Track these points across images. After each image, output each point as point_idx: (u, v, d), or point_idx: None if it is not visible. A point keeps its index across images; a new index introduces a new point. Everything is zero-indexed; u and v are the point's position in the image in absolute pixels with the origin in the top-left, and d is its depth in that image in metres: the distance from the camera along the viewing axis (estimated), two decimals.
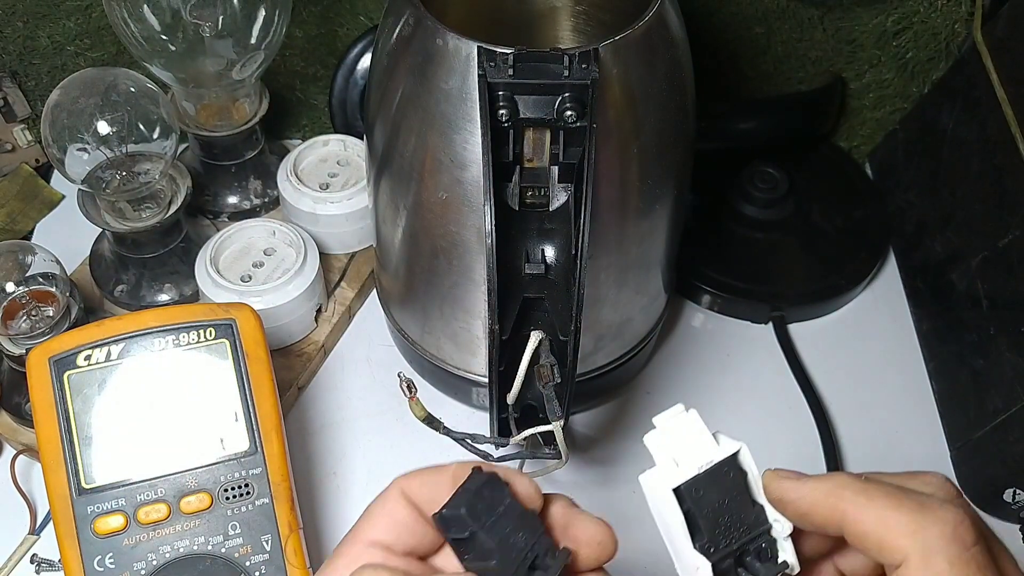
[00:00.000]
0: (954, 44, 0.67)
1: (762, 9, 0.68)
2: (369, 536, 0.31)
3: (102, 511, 0.45)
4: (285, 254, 0.62)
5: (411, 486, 0.31)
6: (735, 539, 0.29)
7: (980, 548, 0.27)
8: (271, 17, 0.60)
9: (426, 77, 0.45)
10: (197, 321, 0.48)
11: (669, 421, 0.31)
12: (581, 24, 0.58)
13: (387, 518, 0.31)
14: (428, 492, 0.31)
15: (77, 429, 0.46)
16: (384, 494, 0.31)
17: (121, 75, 0.57)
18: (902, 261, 0.70)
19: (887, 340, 0.66)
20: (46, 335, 0.53)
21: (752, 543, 0.29)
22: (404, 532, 0.31)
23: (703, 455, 0.30)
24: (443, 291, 0.52)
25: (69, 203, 0.71)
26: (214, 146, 0.66)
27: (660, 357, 0.64)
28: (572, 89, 0.42)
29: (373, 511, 0.31)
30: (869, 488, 0.28)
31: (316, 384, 0.63)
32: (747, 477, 0.30)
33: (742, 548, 0.29)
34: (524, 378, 0.45)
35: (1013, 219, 0.56)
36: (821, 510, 0.29)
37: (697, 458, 0.30)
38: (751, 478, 0.30)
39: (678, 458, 0.30)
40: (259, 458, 0.47)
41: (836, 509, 0.28)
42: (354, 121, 0.70)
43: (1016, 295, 0.56)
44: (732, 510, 0.29)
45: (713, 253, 0.67)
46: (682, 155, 0.51)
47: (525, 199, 0.46)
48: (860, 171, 0.74)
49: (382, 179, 0.52)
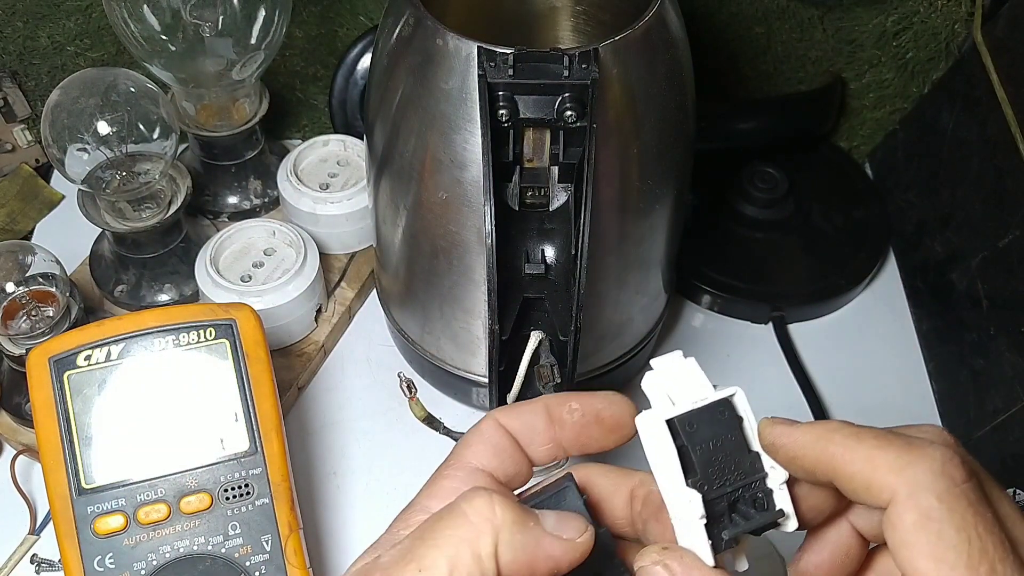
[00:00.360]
0: (954, 44, 0.67)
1: (762, 9, 0.68)
2: (472, 461, 0.31)
3: (102, 511, 0.45)
4: (285, 254, 0.62)
5: (506, 417, 0.31)
6: (728, 482, 0.29)
7: (971, 485, 0.26)
8: (271, 17, 0.60)
9: (426, 77, 0.45)
10: (197, 321, 0.48)
11: (667, 364, 0.30)
12: (581, 24, 0.58)
13: (487, 445, 0.31)
14: (523, 423, 0.31)
15: (77, 429, 0.46)
16: (479, 425, 0.32)
17: (121, 75, 0.57)
18: (902, 261, 0.70)
19: (887, 340, 0.66)
20: (46, 335, 0.53)
21: (747, 490, 0.29)
22: (506, 459, 0.31)
23: (699, 395, 0.29)
24: (443, 291, 0.52)
25: (69, 203, 0.71)
26: (214, 146, 0.66)
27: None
28: (572, 89, 0.42)
29: (471, 439, 0.31)
30: (859, 431, 0.28)
31: (316, 384, 0.63)
32: (743, 423, 0.30)
33: (736, 494, 0.29)
34: (524, 378, 0.45)
35: (1013, 219, 0.56)
36: (811, 453, 0.28)
37: (693, 396, 0.29)
38: (747, 424, 0.30)
39: (674, 397, 0.30)
40: (259, 458, 0.47)
41: (825, 452, 0.28)
42: (354, 121, 0.70)
43: (1016, 295, 0.56)
44: (727, 453, 0.29)
45: (713, 253, 0.67)
46: (682, 155, 0.51)
47: (525, 199, 0.46)
48: (860, 171, 0.74)
49: (382, 179, 0.52)
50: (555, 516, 0.29)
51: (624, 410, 0.32)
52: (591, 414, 0.31)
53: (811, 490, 0.30)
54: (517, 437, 0.31)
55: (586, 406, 0.32)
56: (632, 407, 0.32)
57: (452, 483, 0.30)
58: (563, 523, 0.28)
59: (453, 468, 0.31)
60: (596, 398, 0.32)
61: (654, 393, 0.30)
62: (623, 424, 0.31)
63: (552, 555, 0.28)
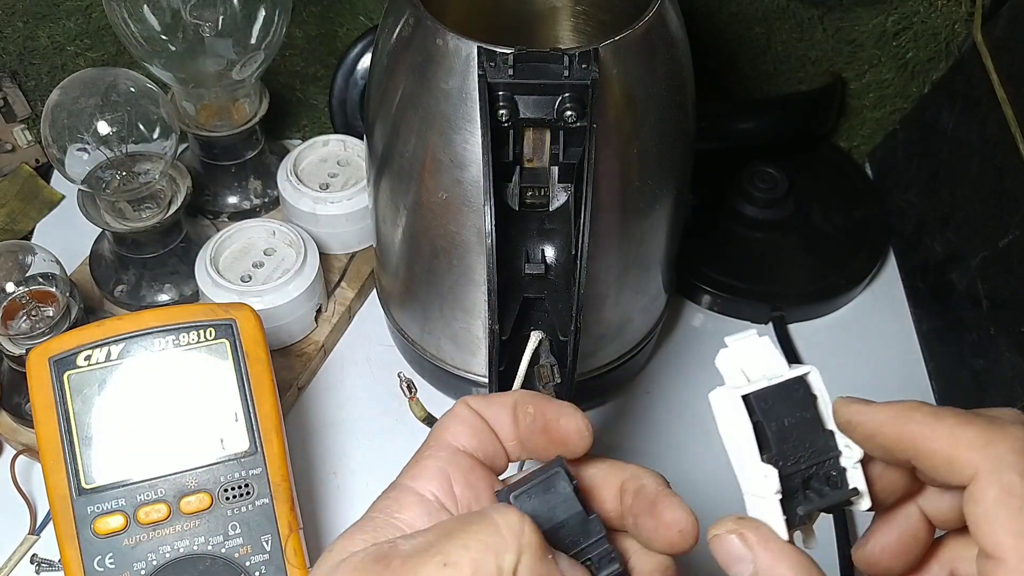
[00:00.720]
0: (954, 44, 0.67)
1: (762, 9, 0.68)
2: (452, 442, 0.31)
3: (102, 511, 0.45)
4: (285, 254, 0.62)
5: (477, 403, 0.32)
6: (803, 459, 0.28)
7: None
8: (271, 17, 0.60)
9: (426, 77, 0.45)
10: (197, 321, 0.48)
11: (741, 342, 0.30)
12: (581, 24, 0.58)
13: (464, 426, 0.31)
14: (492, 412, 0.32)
15: (77, 429, 0.46)
16: (454, 409, 0.32)
17: (121, 75, 0.57)
18: (902, 261, 0.70)
19: (887, 340, 0.66)
20: (46, 335, 0.53)
21: (820, 468, 0.29)
22: (484, 439, 0.31)
23: (774, 371, 0.29)
24: (443, 291, 0.52)
25: (69, 203, 0.71)
26: (214, 146, 0.66)
27: (660, 357, 0.64)
28: (572, 89, 0.42)
29: (447, 422, 0.32)
30: (938, 411, 0.28)
31: (316, 384, 0.63)
32: (817, 402, 0.29)
33: (810, 471, 0.29)
34: (524, 378, 0.45)
35: (1013, 219, 0.56)
36: (890, 430, 0.28)
37: (768, 373, 0.29)
38: (821, 403, 0.30)
39: (748, 374, 0.29)
40: (259, 458, 0.47)
41: (905, 430, 0.28)
42: (354, 121, 0.70)
43: (1016, 295, 0.56)
44: (801, 430, 0.29)
45: (713, 253, 0.67)
46: (682, 155, 0.51)
47: (525, 199, 0.46)
48: (860, 171, 0.74)
49: (382, 179, 0.52)
50: (568, 562, 0.29)
51: (573, 426, 0.31)
52: (541, 421, 0.31)
53: (885, 470, 0.30)
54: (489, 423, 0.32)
55: (540, 411, 0.31)
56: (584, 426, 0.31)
57: (435, 463, 0.31)
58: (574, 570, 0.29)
59: (434, 448, 0.31)
60: (551, 406, 0.32)
61: (729, 369, 0.30)
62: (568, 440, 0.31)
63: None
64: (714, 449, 0.56)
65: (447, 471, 0.31)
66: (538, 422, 0.31)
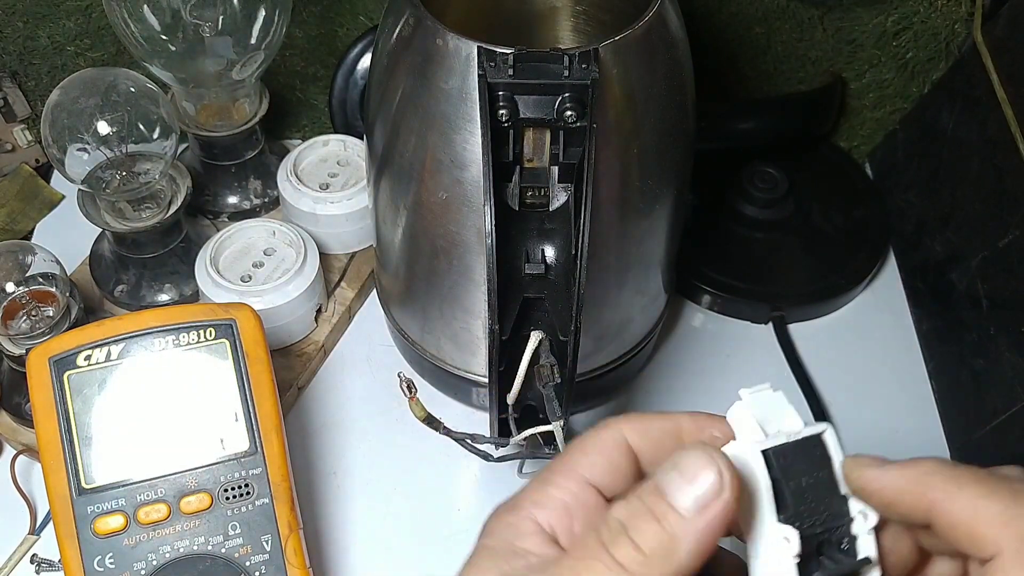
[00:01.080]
0: (954, 44, 0.67)
1: (762, 9, 0.68)
2: (584, 474, 0.29)
3: (102, 511, 0.45)
4: (285, 254, 0.62)
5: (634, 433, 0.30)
6: (818, 523, 0.27)
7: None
8: (271, 17, 0.60)
9: (426, 77, 0.45)
10: (197, 321, 0.48)
11: (756, 395, 0.29)
12: (581, 24, 0.58)
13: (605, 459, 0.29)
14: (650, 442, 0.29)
15: (77, 429, 0.46)
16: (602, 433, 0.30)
17: (121, 75, 0.57)
18: (902, 261, 0.70)
19: (887, 340, 0.66)
20: (46, 335, 0.53)
21: (833, 533, 0.28)
22: (619, 479, 0.29)
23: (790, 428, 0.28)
24: (443, 291, 0.52)
25: (69, 203, 0.71)
26: (214, 146, 0.66)
27: (660, 357, 0.64)
28: (572, 89, 0.42)
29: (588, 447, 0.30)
30: (958, 474, 0.26)
31: (316, 384, 0.63)
32: (832, 463, 0.28)
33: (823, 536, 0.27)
34: (524, 378, 0.45)
35: (1013, 219, 0.56)
36: (907, 499, 0.27)
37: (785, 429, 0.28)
38: (836, 464, 0.28)
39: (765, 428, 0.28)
40: (259, 458, 0.47)
41: (924, 498, 0.26)
42: (354, 121, 0.70)
43: (1016, 295, 0.56)
44: (818, 492, 0.27)
45: (713, 253, 0.67)
46: (682, 155, 0.51)
47: (525, 199, 0.46)
48: (860, 171, 0.74)
49: (382, 179, 0.52)
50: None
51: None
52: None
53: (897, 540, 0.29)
54: (640, 455, 0.29)
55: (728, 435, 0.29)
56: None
57: (561, 495, 0.29)
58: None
59: (563, 477, 0.29)
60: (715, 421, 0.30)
61: (744, 423, 0.28)
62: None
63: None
64: None
65: (571, 507, 0.29)
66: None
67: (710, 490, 0.25)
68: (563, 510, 0.28)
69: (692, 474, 0.25)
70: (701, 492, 0.25)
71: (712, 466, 0.25)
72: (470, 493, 0.58)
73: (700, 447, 0.26)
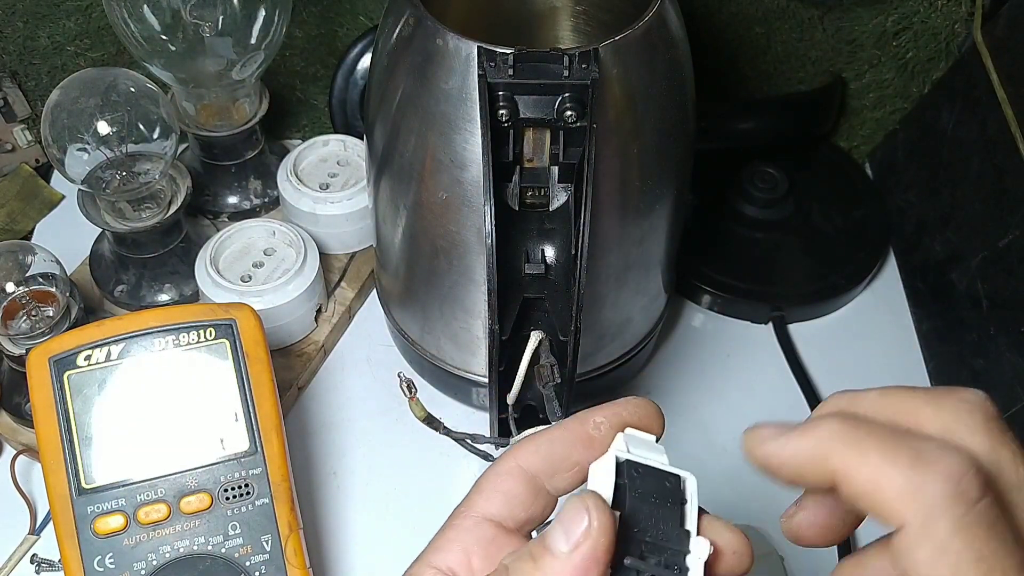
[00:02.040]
0: (954, 44, 0.67)
1: (762, 9, 0.68)
2: (478, 512, 0.30)
3: (102, 511, 0.45)
4: (285, 254, 0.62)
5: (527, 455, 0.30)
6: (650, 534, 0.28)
7: (987, 502, 0.24)
8: (271, 17, 0.60)
9: (426, 77, 0.45)
10: (197, 321, 0.48)
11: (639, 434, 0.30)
12: (581, 24, 0.58)
13: (499, 493, 0.30)
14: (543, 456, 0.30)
15: (77, 429, 0.46)
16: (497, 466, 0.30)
17: (121, 75, 0.57)
18: (902, 261, 0.70)
19: (887, 340, 0.66)
20: (46, 335, 0.53)
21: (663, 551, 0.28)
22: (516, 506, 0.30)
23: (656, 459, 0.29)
24: (443, 291, 0.52)
25: (69, 203, 0.71)
26: (214, 146, 0.66)
27: (660, 357, 0.64)
28: (572, 89, 0.42)
29: (484, 484, 0.30)
30: (860, 439, 0.25)
31: (316, 384, 0.63)
32: (684, 506, 0.29)
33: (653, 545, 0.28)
34: (524, 378, 0.45)
35: (1013, 219, 0.56)
36: (810, 472, 0.26)
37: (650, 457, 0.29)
38: (688, 507, 0.29)
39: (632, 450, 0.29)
40: (259, 458, 0.47)
41: (826, 466, 0.25)
42: (354, 121, 0.70)
43: (1016, 295, 0.56)
44: (660, 513, 0.28)
45: (713, 253, 0.67)
46: (682, 155, 0.51)
47: (525, 199, 0.46)
48: (860, 171, 0.74)
49: (382, 179, 0.52)
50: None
51: (652, 413, 0.30)
52: (617, 425, 0.30)
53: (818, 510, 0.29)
54: (538, 474, 0.30)
55: (612, 417, 0.30)
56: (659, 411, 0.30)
57: (456, 535, 0.29)
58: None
59: (459, 519, 0.30)
60: (620, 406, 0.30)
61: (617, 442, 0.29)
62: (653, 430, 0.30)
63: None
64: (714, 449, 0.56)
65: (468, 545, 0.29)
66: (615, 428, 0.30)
67: (581, 530, 0.26)
68: (460, 551, 0.29)
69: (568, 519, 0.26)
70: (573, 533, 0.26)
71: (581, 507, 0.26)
72: None
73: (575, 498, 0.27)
